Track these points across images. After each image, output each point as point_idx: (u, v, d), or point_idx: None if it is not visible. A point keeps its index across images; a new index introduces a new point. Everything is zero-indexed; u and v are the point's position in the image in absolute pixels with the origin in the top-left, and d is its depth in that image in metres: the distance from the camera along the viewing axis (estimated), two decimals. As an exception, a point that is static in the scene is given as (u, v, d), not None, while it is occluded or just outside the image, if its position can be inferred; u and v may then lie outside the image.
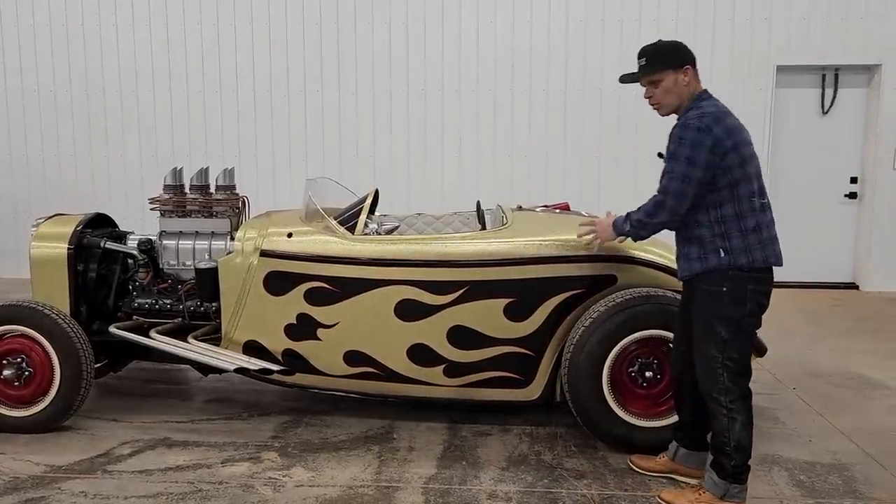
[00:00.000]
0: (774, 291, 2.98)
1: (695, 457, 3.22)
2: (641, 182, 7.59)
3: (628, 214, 3.07)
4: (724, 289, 2.86)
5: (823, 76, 7.56)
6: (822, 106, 7.60)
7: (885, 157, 7.47)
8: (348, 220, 3.93)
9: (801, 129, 7.60)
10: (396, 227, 4.05)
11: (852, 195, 7.68)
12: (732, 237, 2.86)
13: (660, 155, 3.25)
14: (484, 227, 4.11)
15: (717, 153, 2.81)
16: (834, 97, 7.58)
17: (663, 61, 2.98)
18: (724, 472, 2.94)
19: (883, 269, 7.57)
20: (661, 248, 3.74)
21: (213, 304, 4.04)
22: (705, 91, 3.01)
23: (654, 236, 4.01)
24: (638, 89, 3.22)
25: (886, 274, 7.57)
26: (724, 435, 2.91)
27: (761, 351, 3.76)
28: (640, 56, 3.05)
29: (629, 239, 3.20)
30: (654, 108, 3.08)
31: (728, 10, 7.36)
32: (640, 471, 3.38)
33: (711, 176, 2.83)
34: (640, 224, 3.01)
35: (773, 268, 2.94)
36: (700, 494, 2.99)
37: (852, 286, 7.72)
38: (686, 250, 3.00)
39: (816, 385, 4.69)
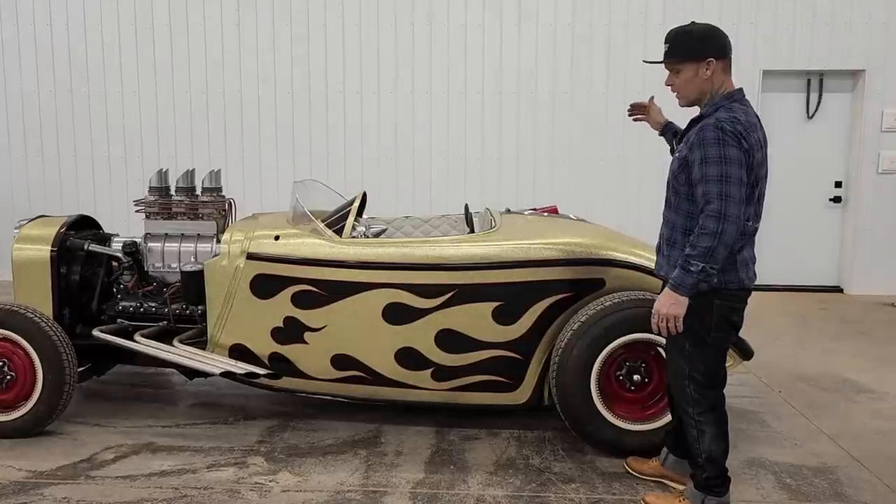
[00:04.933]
0: (760, 295, 2.98)
1: (684, 464, 3.20)
2: (629, 184, 7.63)
3: (686, 259, 2.66)
4: (690, 302, 2.71)
5: (808, 81, 7.62)
6: (808, 111, 7.66)
7: (869, 161, 7.54)
8: (336, 222, 3.91)
9: (786, 133, 7.65)
10: (384, 230, 4.03)
11: (837, 199, 7.73)
12: None
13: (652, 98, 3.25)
14: (472, 231, 4.10)
15: (746, 162, 2.66)
16: (819, 102, 7.64)
17: (684, 51, 2.81)
18: (698, 484, 2.95)
19: (867, 273, 7.63)
20: (650, 251, 3.75)
21: (199, 308, 4.01)
22: (739, 91, 2.83)
23: (638, 238, 4.05)
24: (626, 92, 3.22)
25: (871, 277, 7.62)
26: (695, 446, 2.91)
27: (748, 354, 3.78)
28: (666, 41, 2.86)
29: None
30: (676, 97, 2.92)
31: (714, 14, 7.40)
32: (633, 473, 3.37)
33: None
34: (709, 252, 2.62)
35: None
36: (681, 502, 3.00)
37: (837, 290, 7.77)
38: (668, 252, 2.90)
39: (802, 388, 4.71)
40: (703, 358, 2.85)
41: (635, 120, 3.48)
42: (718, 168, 2.64)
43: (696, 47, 2.81)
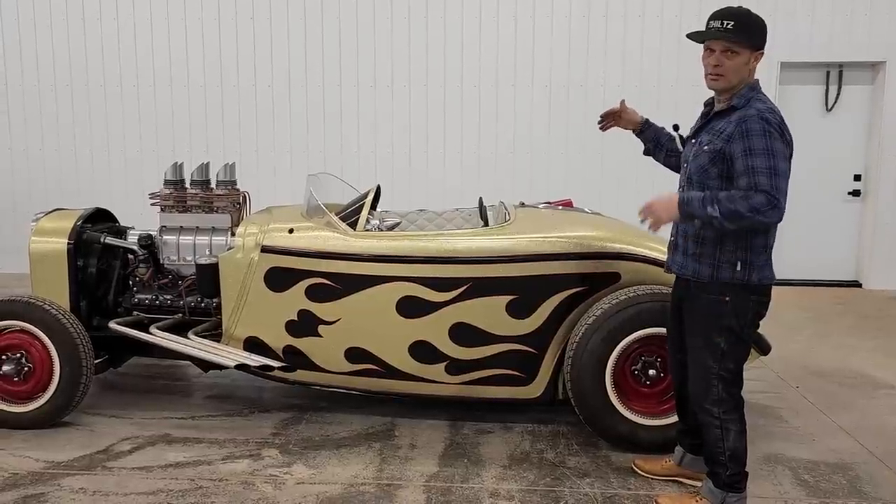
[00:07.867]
0: (777, 289, 2.93)
1: (701, 461, 3.16)
2: (643, 177, 7.56)
3: (713, 198, 2.61)
4: (727, 299, 2.73)
5: (828, 73, 7.53)
6: (826, 103, 7.57)
7: (888, 154, 7.44)
8: (350, 216, 3.91)
9: (804, 126, 7.53)
10: (398, 224, 4.02)
11: (856, 193, 7.64)
12: (753, 252, 2.71)
13: (675, 127, 3.20)
14: (486, 224, 4.09)
15: (788, 156, 2.64)
16: (838, 94, 7.55)
17: (750, 36, 2.70)
18: (719, 482, 2.90)
19: (886, 268, 7.54)
20: (665, 244, 3.71)
21: (214, 300, 4.02)
22: (757, 82, 2.79)
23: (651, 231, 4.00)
24: (641, 85, 3.16)
25: (889, 272, 7.54)
26: (718, 446, 2.86)
27: (765, 350, 3.74)
28: (727, 17, 2.70)
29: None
30: (712, 78, 2.75)
31: (732, 5, 7.32)
32: (644, 474, 3.34)
33: None
34: (735, 216, 2.58)
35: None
36: (697, 501, 2.96)
37: (855, 284, 7.69)
38: (697, 249, 2.80)
39: (820, 384, 4.67)
40: (735, 356, 2.81)
41: (604, 129, 3.44)
42: (767, 160, 2.58)
43: (759, 36, 2.75)
